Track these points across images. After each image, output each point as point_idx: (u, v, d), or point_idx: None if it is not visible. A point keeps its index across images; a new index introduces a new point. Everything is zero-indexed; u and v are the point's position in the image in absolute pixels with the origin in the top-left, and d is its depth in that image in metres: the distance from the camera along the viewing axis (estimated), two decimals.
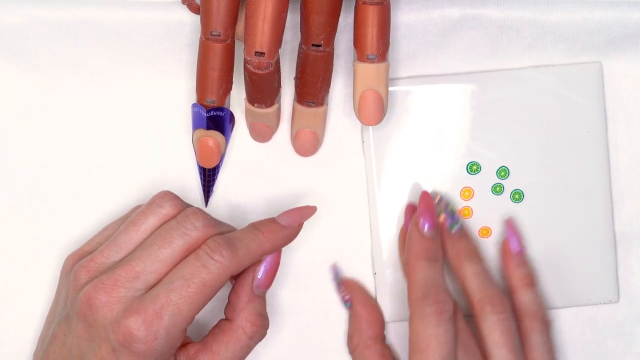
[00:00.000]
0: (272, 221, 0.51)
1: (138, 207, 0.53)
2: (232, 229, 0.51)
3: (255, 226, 0.51)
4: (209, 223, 0.49)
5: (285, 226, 0.51)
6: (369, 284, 0.57)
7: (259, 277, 0.51)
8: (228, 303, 0.52)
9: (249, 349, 0.51)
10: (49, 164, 0.57)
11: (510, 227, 0.56)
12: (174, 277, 0.48)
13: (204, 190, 0.56)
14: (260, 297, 0.51)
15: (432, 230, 0.54)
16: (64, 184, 0.57)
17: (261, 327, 0.51)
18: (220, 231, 0.50)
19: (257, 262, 0.51)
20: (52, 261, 0.57)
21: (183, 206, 0.51)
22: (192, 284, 0.47)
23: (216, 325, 0.51)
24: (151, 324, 0.46)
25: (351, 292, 0.56)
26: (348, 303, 0.56)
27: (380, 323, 0.56)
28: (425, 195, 0.55)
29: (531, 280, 0.55)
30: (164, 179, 0.57)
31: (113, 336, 0.47)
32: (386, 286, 0.57)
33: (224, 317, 0.52)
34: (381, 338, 0.55)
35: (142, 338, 0.46)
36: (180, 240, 0.49)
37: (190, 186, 0.57)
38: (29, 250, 0.57)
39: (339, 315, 0.57)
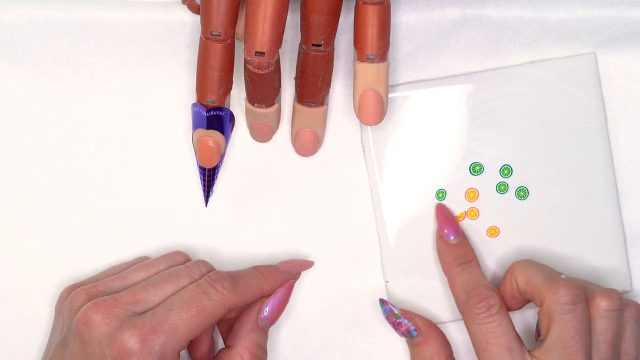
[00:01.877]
0: (272, 266, 0.54)
1: (144, 257, 0.55)
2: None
3: (257, 267, 0.53)
4: (214, 270, 0.52)
5: (284, 272, 0.54)
6: (381, 291, 0.57)
7: (265, 311, 0.53)
8: (231, 331, 0.53)
9: None
10: (49, 164, 0.57)
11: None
12: (174, 299, 0.49)
13: (204, 190, 0.56)
14: (262, 330, 0.53)
15: (457, 237, 0.55)
16: (64, 184, 0.57)
17: (258, 358, 0.52)
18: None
19: (267, 296, 0.53)
20: (52, 261, 0.57)
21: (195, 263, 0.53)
22: (192, 306, 0.48)
23: (215, 356, 0.52)
24: (146, 339, 0.47)
25: (414, 319, 0.55)
26: (415, 332, 0.54)
27: (449, 344, 0.55)
28: (440, 207, 0.56)
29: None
30: (164, 179, 0.57)
31: (108, 351, 0.47)
32: (399, 292, 0.57)
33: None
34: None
35: (137, 352, 0.46)
36: (186, 279, 0.50)
37: (190, 186, 0.57)
38: (29, 250, 0.57)
39: (339, 316, 0.57)
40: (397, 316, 0.54)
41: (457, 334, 0.57)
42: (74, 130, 0.57)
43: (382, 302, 0.55)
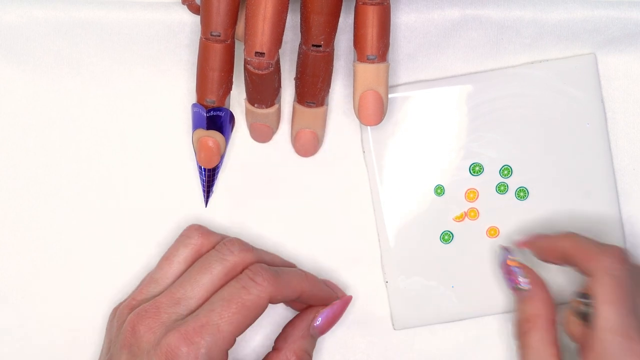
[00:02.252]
0: (314, 275, 0.55)
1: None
2: (269, 254, 0.54)
3: (301, 269, 0.54)
4: (246, 247, 0.52)
5: (325, 285, 0.55)
6: (380, 291, 0.57)
7: (319, 320, 0.53)
8: (281, 333, 0.54)
9: None
10: (49, 164, 0.57)
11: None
12: (215, 299, 0.49)
13: (204, 191, 0.56)
14: (312, 338, 0.53)
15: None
16: (64, 184, 0.57)
17: None
18: (259, 256, 0.52)
19: (323, 306, 0.54)
20: (52, 261, 0.57)
21: (211, 234, 0.53)
22: (232, 304, 0.48)
23: (264, 357, 0.53)
24: (192, 342, 0.47)
25: (529, 273, 0.54)
26: (527, 285, 0.53)
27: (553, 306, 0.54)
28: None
29: None
30: (164, 179, 0.57)
31: (156, 358, 0.47)
32: (399, 293, 0.57)
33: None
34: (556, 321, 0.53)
35: (184, 356, 0.47)
36: (218, 265, 0.50)
37: (190, 186, 0.57)
38: (29, 250, 0.57)
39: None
40: (513, 267, 0.53)
41: (458, 334, 0.57)
42: (74, 130, 0.57)
43: (503, 248, 0.54)
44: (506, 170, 0.57)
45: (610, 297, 0.48)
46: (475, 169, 0.57)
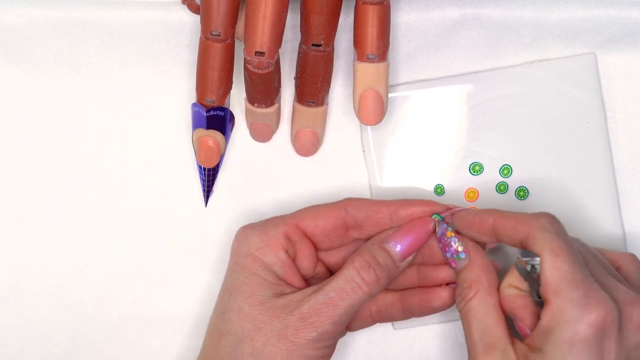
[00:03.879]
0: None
1: None
2: None
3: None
4: None
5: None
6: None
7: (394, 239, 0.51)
8: None
9: None
10: (49, 164, 0.57)
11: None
12: None
13: (203, 190, 0.56)
14: (385, 251, 0.51)
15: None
16: (64, 184, 0.57)
17: (371, 268, 0.50)
18: None
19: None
20: (52, 261, 0.57)
21: None
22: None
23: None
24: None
25: (464, 241, 0.51)
26: (464, 254, 0.51)
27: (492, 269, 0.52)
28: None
29: None
30: (164, 179, 0.57)
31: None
32: None
33: None
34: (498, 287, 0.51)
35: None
36: None
37: (190, 186, 0.57)
38: (29, 250, 0.57)
39: None
40: (450, 237, 0.51)
41: (458, 334, 0.57)
42: (74, 130, 0.57)
43: (439, 221, 0.51)
44: (506, 170, 0.57)
45: (557, 249, 0.46)
46: (475, 169, 0.57)
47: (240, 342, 0.48)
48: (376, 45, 0.51)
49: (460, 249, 0.50)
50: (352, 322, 0.54)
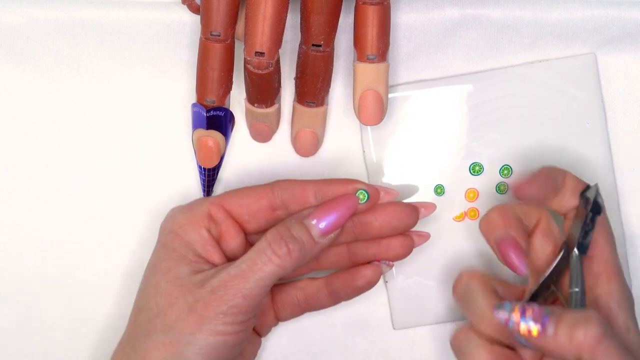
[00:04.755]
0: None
1: None
2: None
3: None
4: None
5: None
6: (380, 291, 0.57)
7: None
8: None
9: None
10: (49, 164, 0.57)
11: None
12: None
13: (203, 190, 0.56)
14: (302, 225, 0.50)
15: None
16: (64, 184, 0.57)
17: (284, 237, 0.49)
18: None
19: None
20: (52, 261, 0.57)
21: None
22: None
23: None
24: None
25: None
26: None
27: None
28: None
29: None
30: (164, 179, 0.57)
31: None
32: (399, 293, 0.57)
33: None
34: None
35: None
36: None
37: (190, 186, 0.57)
38: (29, 250, 0.57)
39: (339, 317, 0.57)
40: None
41: None
42: (74, 130, 0.57)
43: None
44: (506, 170, 0.57)
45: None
46: (475, 169, 0.57)
47: (154, 318, 0.48)
48: (376, 46, 0.51)
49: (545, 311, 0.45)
50: (280, 311, 0.54)
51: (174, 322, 0.47)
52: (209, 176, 0.55)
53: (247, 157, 0.57)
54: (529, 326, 0.44)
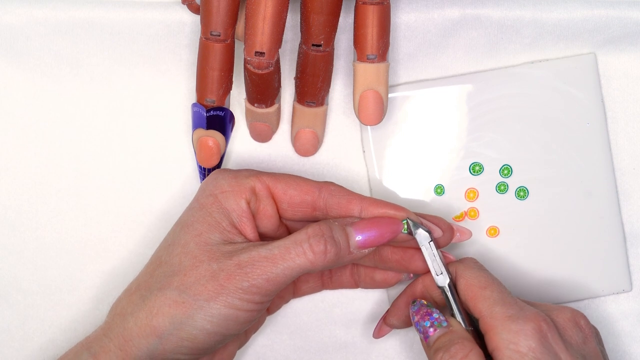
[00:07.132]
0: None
1: None
2: None
3: None
4: None
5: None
6: (380, 291, 0.57)
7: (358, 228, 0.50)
8: None
9: None
10: (49, 164, 0.57)
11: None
12: None
13: None
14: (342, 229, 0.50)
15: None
16: (64, 184, 0.57)
17: (324, 237, 0.49)
18: None
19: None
20: (52, 261, 0.57)
21: None
22: None
23: None
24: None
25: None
26: (445, 322, 0.50)
27: None
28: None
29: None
30: (164, 179, 0.57)
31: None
32: (399, 293, 0.57)
33: None
34: None
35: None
36: None
37: (190, 186, 0.57)
38: (29, 250, 0.57)
39: (338, 316, 0.57)
40: (429, 306, 0.51)
41: None
42: (74, 130, 0.57)
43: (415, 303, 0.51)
44: (506, 170, 0.57)
45: (483, 282, 0.49)
46: (475, 169, 0.57)
47: (173, 275, 0.48)
48: (376, 46, 0.51)
49: (442, 317, 0.49)
50: (303, 283, 0.55)
51: (192, 284, 0.47)
52: None
53: (247, 157, 0.57)
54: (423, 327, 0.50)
